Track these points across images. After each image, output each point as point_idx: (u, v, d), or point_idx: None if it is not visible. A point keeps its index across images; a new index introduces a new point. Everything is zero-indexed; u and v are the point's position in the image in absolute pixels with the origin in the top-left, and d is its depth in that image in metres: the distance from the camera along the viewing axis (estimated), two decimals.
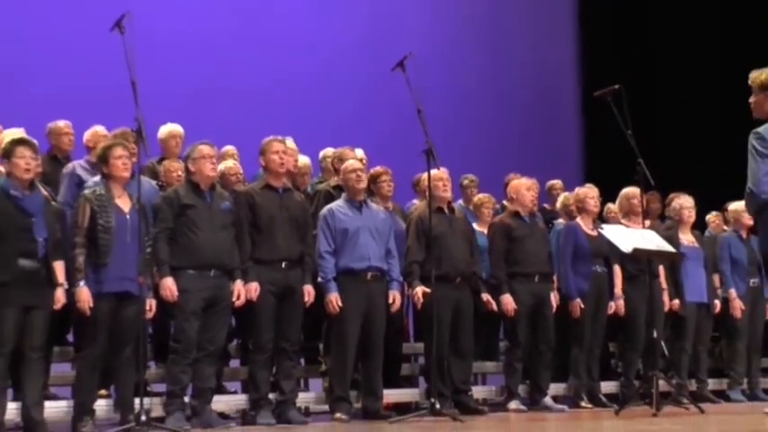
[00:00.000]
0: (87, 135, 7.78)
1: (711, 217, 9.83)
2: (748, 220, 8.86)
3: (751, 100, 6.37)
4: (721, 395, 9.53)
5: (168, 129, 8.30)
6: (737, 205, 9.25)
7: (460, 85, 12.34)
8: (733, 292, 9.46)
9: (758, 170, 6.18)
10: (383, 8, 12.43)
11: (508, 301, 8.18)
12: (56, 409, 6.71)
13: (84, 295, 6.43)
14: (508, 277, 8.26)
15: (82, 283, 6.44)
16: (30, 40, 10.03)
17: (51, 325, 6.63)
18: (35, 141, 7.04)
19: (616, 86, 7.45)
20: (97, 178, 6.84)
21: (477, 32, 13.27)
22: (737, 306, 9.46)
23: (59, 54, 9.84)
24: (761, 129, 6.25)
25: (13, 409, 6.43)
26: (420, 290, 7.58)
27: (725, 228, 9.77)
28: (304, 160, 8.50)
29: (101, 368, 6.65)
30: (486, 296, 8.12)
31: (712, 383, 9.57)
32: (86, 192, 6.71)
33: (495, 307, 8.15)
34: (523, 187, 8.51)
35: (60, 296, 6.48)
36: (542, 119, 13.46)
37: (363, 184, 7.61)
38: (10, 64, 9.81)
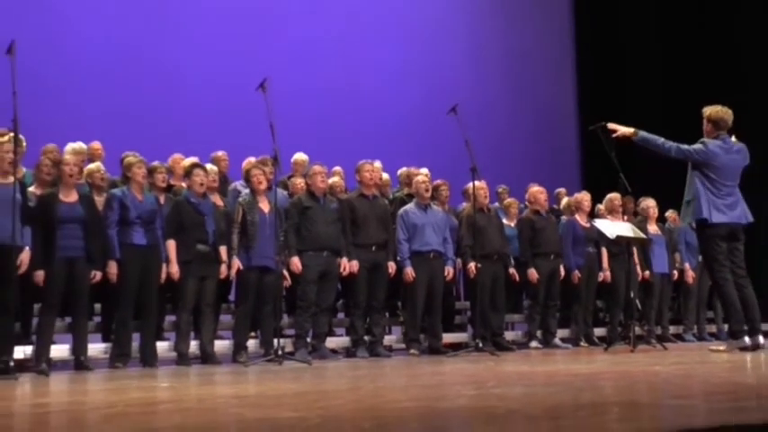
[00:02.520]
0: (244, 164, 7.92)
1: (669, 213, 9.71)
2: None
3: (703, 128, 6.35)
4: (679, 337, 9.41)
5: (297, 156, 8.40)
6: None
7: (496, 121, 12.28)
8: (687, 266, 9.35)
9: (683, 145, 6.18)
10: (439, 66, 12.43)
11: (533, 273, 8.18)
12: (222, 345, 6.88)
13: (236, 265, 6.63)
14: (533, 256, 8.26)
15: (235, 257, 6.63)
16: (198, 90, 10.21)
17: (218, 289, 6.80)
18: (208, 165, 7.20)
19: (603, 123, 7.37)
20: (248, 190, 6.98)
21: (506, 81, 13.19)
22: (690, 275, 9.36)
23: (222, 101, 9.99)
24: (709, 140, 6.23)
25: (194, 345, 6.61)
26: (473, 265, 7.57)
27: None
28: (386, 176, 8.53)
29: (251, 318, 6.82)
30: (512, 270, 8.12)
31: (672, 329, 9.45)
32: (240, 199, 6.88)
33: (517, 278, 8.15)
34: (539, 193, 8.52)
35: (224, 270, 6.65)
36: (552, 144, 13.33)
37: (429, 193, 7.64)
38: (183, 107, 9.99)
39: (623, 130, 6.44)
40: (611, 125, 6.51)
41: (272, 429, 2.41)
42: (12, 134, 5.51)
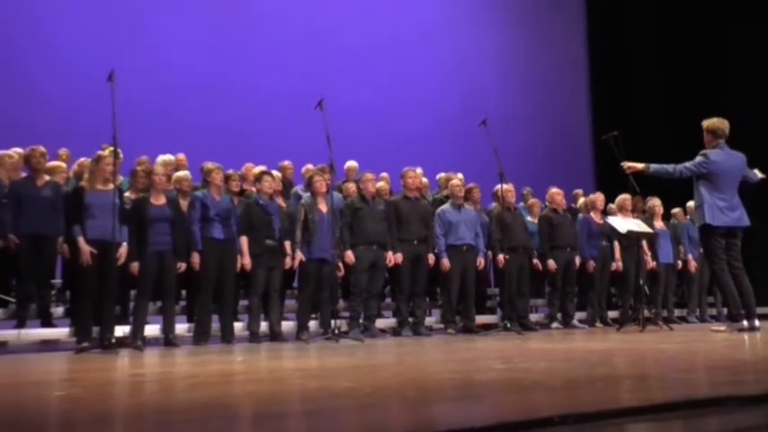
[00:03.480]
0: (303, 170, 7.97)
1: (675, 211, 9.52)
2: None
3: (704, 139, 6.25)
4: (683, 319, 9.23)
5: (349, 163, 8.42)
6: (692, 203, 8.98)
7: (521, 132, 12.15)
8: (690, 256, 9.18)
9: (687, 163, 6.08)
10: (471, 86, 12.37)
11: (552, 264, 8.11)
12: (287, 326, 6.90)
13: (299, 257, 6.69)
14: (551, 249, 8.17)
15: (298, 251, 6.66)
16: (266, 108, 10.29)
17: (284, 277, 6.85)
18: (274, 171, 7.25)
19: (615, 133, 7.27)
20: (308, 193, 7.02)
21: (529, 99, 13.08)
22: (693, 265, 9.18)
23: (285, 117, 10.00)
24: (709, 150, 6.14)
25: (263, 326, 6.67)
26: (501, 256, 7.55)
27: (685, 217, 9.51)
28: (426, 180, 8.50)
29: (312, 302, 6.84)
30: (535, 261, 8.06)
31: (677, 312, 9.26)
32: (302, 201, 6.92)
33: (540, 268, 8.09)
34: (556, 194, 8.43)
35: (288, 261, 6.68)
36: (569, 152, 13.21)
37: (462, 195, 7.62)
38: (253, 123, 10.06)
39: (637, 166, 6.38)
40: (625, 163, 6.42)
41: (330, 397, 2.42)
42: (111, 148, 5.63)
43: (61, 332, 6.11)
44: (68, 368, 4.17)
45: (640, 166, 6.37)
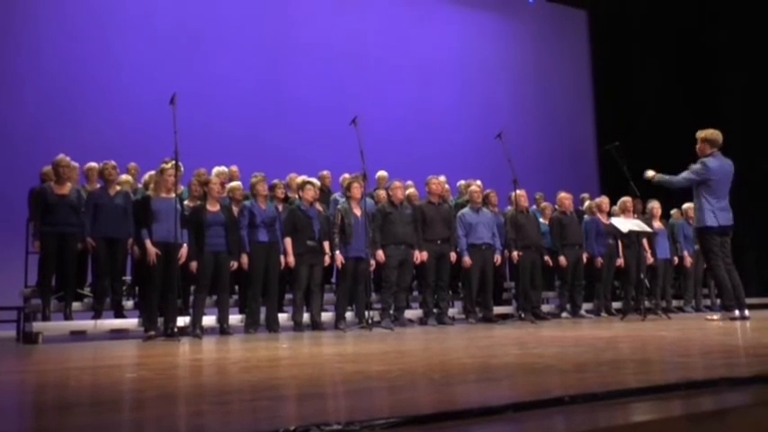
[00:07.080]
0: (341, 178, 7.97)
1: (674, 212, 9.36)
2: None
3: (697, 147, 6.16)
4: (680, 309, 9.06)
5: (380, 173, 8.41)
6: (688, 205, 8.80)
7: (533, 143, 12.05)
8: (686, 253, 9.01)
9: (684, 173, 6.00)
10: (488, 103, 12.31)
11: (563, 260, 8.01)
12: (327, 316, 6.89)
13: (339, 259, 6.66)
14: (561, 247, 8.08)
15: (336, 251, 6.65)
16: (309, 124, 10.32)
17: (323, 273, 6.85)
18: (314, 180, 7.27)
19: (616, 143, 7.19)
20: (344, 199, 7.02)
21: (540, 113, 12.97)
22: (688, 261, 9.00)
23: (325, 132, 9.99)
24: (706, 159, 6.07)
25: (306, 316, 6.66)
26: (516, 253, 7.50)
27: (680, 217, 9.33)
28: (448, 187, 8.45)
29: (348, 295, 6.84)
30: (546, 258, 7.97)
31: (674, 302, 9.10)
32: (339, 206, 6.93)
33: (551, 263, 8.00)
34: (565, 198, 8.34)
35: (327, 259, 6.67)
36: (576, 160, 13.07)
37: (480, 199, 7.58)
38: (298, 137, 10.11)
39: (648, 174, 6.38)
40: (648, 173, 6.40)
41: (365, 379, 2.42)
42: (173, 162, 5.70)
43: (131, 322, 6.20)
44: (138, 353, 4.23)
45: (650, 174, 6.35)
